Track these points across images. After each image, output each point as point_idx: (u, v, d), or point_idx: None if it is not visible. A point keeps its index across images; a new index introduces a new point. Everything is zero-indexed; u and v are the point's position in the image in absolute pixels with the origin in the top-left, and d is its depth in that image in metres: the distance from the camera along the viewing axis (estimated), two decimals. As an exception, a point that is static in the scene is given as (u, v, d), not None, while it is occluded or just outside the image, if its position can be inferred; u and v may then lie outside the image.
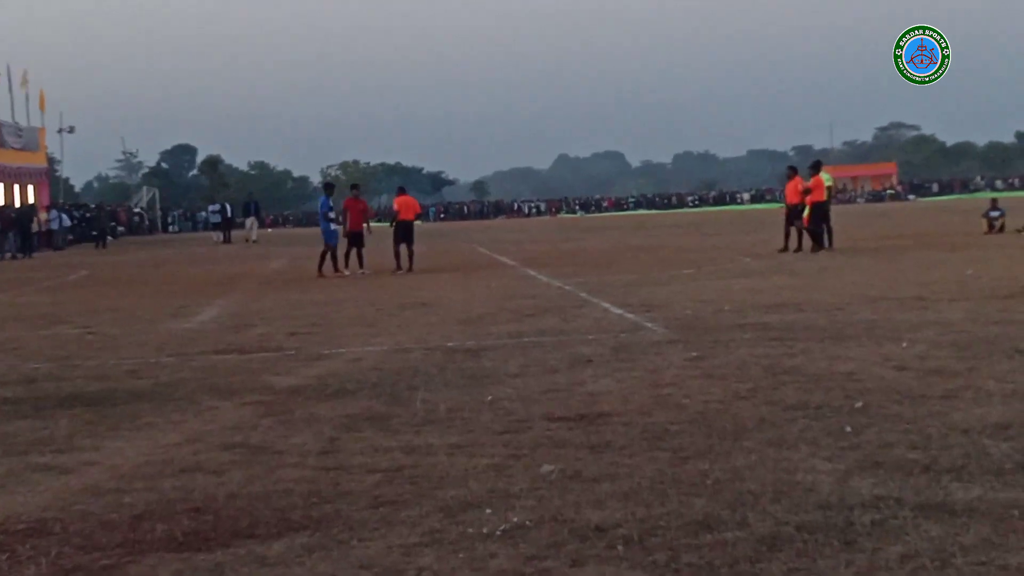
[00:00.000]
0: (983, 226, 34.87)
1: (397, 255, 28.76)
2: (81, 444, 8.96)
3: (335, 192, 30.34)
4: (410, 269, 28.25)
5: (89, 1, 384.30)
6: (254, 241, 57.95)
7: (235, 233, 63.77)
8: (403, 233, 28.96)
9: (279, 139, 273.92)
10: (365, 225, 29.18)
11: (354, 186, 31.75)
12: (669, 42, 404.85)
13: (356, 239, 28.84)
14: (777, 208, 31.92)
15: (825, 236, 29.78)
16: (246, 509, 6.83)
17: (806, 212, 30.02)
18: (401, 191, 31.05)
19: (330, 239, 28.59)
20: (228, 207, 66.37)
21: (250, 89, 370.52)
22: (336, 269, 28.39)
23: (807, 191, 30.05)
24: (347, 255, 28.70)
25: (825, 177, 30.68)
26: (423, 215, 29.00)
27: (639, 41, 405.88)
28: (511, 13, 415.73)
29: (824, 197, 29.87)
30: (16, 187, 67.77)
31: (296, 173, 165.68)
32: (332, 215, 28.71)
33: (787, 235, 30.34)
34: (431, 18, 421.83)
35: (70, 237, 63.37)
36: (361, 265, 28.64)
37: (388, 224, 29.84)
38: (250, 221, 62.55)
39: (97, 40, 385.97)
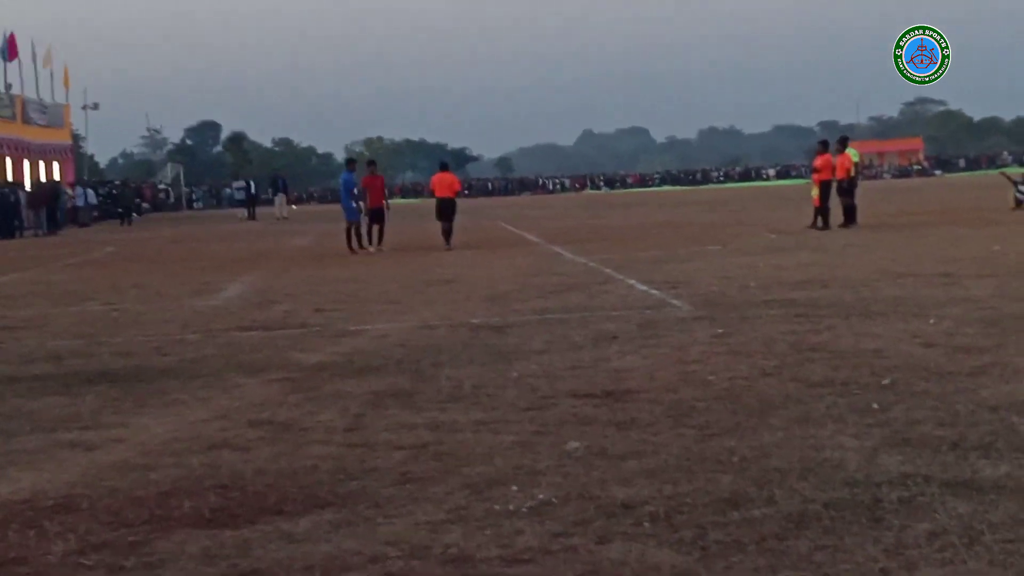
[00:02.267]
0: (1011, 201, 34.66)
1: (443, 233, 28.69)
2: (108, 421, 8.99)
3: (355, 167, 30.37)
4: (447, 247, 28.10)
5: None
6: (284, 217, 57.87)
7: (261, 210, 63.82)
8: (440, 210, 28.94)
9: (303, 116, 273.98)
10: (384, 202, 29.26)
11: (371, 163, 31.75)
12: (694, 17, 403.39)
13: (377, 216, 28.88)
14: (804, 184, 31.90)
15: (824, 216, 29.55)
16: (273, 486, 6.84)
17: (815, 192, 29.93)
18: (442, 167, 30.67)
19: (351, 216, 28.58)
20: (252, 184, 66.44)
21: (274, 65, 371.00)
22: (361, 246, 28.41)
23: (815, 170, 30.15)
24: (369, 232, 28.74)
25: (852, 153, 30.53)
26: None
27: (663, 16, 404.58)
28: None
29: (830, 176, 29.71)
30: (41, 164, 68.03)
31: (320, 150, 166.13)
32: (356, 191, 28.73)
33: (819, 211, 30.11)
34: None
35: (95, 214, 63.58)
36: (380, 242, 28.67)
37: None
38: (279, 198, 62.56)
39: (121, 16, 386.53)
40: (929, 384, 8.96)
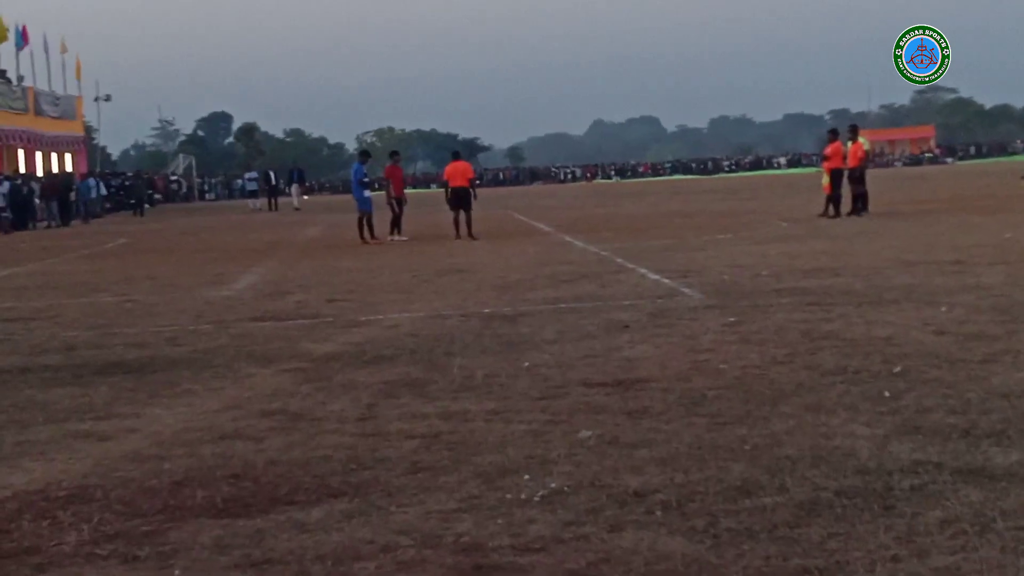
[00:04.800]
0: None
1: (455, 223, 28.37)
2: (121, 411, 9.01)
3: (369, 159, 30.46)
4: (470, 235, 27.72)
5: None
6: (297, 208, 57.77)
7: (280, 200, 63.41)
8: (455, 200, 28.55)
9: (315, 106, 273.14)
10: (402, 192, 29.34)
11: (394, 153, 31.66)
12: (704, 6, 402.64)
13: (399, 205, 28.96)
14: (815, 172, 32.14)
15: (835, 204, 29.57)
16: (285, 475, 6.86)
17: (825, 180, 29.96)
18: (455, 156, 30.27)
19: (364, 206, 28.59)
20: (272, 174, 66.02)
21: (286, 56, 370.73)
22: (373, 236, 28.37)
23: (825, 157, 30.30)
24: (394, 222, 28.83)
25: (863, 141, 30.53)
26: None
27: (674, 4, 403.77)
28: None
29: (841, 164, 29.76)
30: (54, 156, 68.10)
31: (332, 140, 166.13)
32: (367, 181, 28.80)
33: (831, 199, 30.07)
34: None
35: (108, 205, 63.56)
36: (399, 232, 28.66)
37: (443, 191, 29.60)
38: (295, 189, 62.39)
39: (133, 7, 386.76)
40: (941, 372, 8.96)
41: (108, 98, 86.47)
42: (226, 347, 12.08)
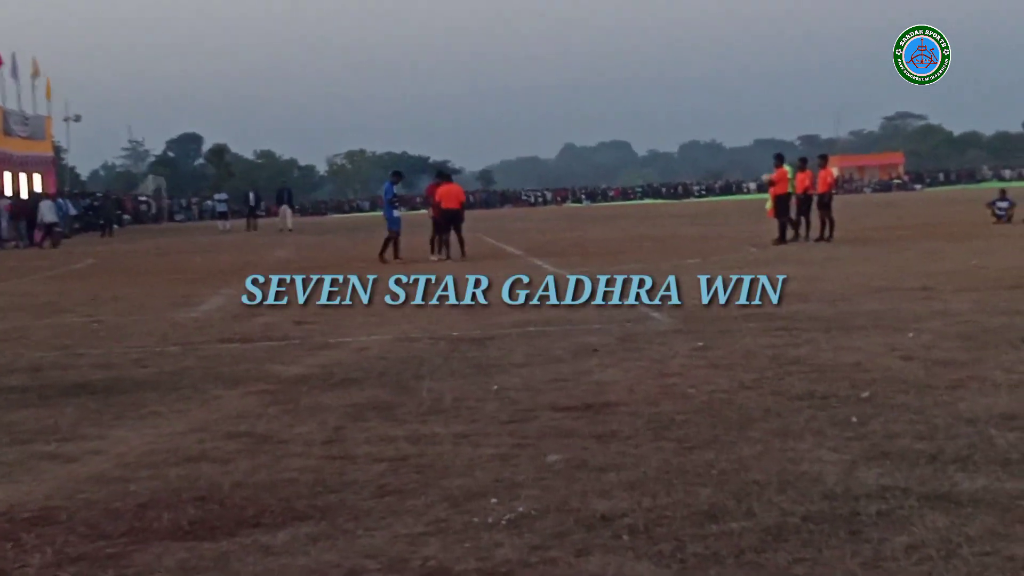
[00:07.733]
0: (990, 216, 34.82)
1: (445, 243, 29.03)
2: (86, 433, 8.96)
3: (401, 180, 30.84)
4: (463, 255, 28.51)
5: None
6: (289, 229, 57.70)
7: (265, 221, 63.55)
8: (448, 221, 29.18)
9: (285, 128, 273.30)
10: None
11: (441, 173, 32.14)
12: (675, 31, 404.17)
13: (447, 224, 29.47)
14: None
15: (790, 228, 29.88)
16: (251, 498, 6.83)
17: (768, 204, 30.32)
18: (447, 179, 30.84)
19: (393, 226, 28.67)
20: (253, 195, 66.12)
21: (256, 78, 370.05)
22: (397, 256, 28.34)
23: (771, 183, 30.48)
24: (443, 240, 29.25)
25: (788, 170, 30.76)
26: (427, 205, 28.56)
27: (646, 30, 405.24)
28: (516, 2, 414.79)
29: (786, 190, 29.97)
30: (23, 176, 67.82)
31: (302, 162, 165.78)
32: (397, 202, 29.00)
33: (796, 224, 30.31)
34: (437, 6, 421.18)
35: (76, 226, 63.31)
36: (444, 251, 29.22)
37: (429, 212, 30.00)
38: (283, 210, 62.35)
39: (103, 27, 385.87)
40: (908, 397, 8.99)
41: (78, 118, 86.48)
42: (193, 369, 12.03)
